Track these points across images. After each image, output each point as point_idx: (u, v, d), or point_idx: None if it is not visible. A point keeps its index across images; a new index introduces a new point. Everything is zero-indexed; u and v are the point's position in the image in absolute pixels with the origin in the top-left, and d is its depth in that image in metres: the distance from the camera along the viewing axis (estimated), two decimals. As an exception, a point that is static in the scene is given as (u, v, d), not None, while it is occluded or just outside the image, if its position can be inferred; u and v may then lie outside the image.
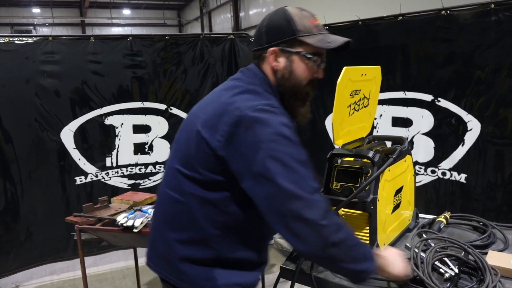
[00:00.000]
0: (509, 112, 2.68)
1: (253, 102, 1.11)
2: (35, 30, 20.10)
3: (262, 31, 1.24)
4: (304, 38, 1.20)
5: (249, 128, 1.06)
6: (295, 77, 1.23)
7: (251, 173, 1.07)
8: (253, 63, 1.31)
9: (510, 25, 2.60)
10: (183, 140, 1.24)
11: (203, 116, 1.18)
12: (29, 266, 3.60)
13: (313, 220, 1.05)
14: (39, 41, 3.49)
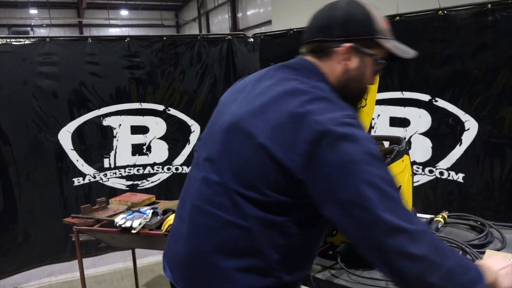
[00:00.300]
0: (506, 112, 2.69)
1: (333, 113, 0.94)
2: (33, 31, 20.08)
3: (336, 21, 1.06)
4: (381, 41, 1.07)
5: (335, 146, 0.89)
6: (364, 81, 1.11)
7: (338, 199, 0.90)
8: (303, 57, 1.13)
9: (507, 25, 2.61)
10: (236, 153, 1.02)
11: (263, 126, 0.98)
12: (27, 268, 3.59)
13: (421, 256, 0.87)
14: (37, 42, 3.49)
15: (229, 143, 1.05)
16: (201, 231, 1.07)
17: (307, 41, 1.12)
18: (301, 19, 5.28)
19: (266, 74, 1.15)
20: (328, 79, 1.08)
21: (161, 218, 2.35)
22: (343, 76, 1.07)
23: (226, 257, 1.03)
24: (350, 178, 0.88)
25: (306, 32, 1.13)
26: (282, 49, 3.90)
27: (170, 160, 3.98)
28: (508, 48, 2.63)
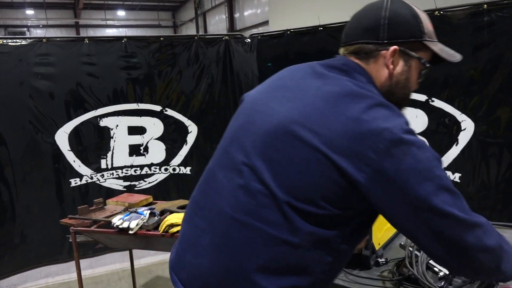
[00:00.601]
0: (502, 112, 2.71)
1: (396, 120, 0.89)
2: (29, 31, 20.04)
3: (382, 22, 0.99)
4: (429, 43, 1.01)
5: (407, 154, 0.85)
6: (410, 86, 1.04)
7: (415, 207, 0.86)
8: (347, 57, 1.05)
9: (502, 25, 2.63)
10: (286, 161, 0.92)
11: (322, 132, 0.89)
12: (24, 269, 3.58)
13: (495, 246, 0.91)
14: (33, 43, 3.48)
15: (277, 149, 0.93)
16: (239, 245, 0.95)
17: (349, 43, 1.05)
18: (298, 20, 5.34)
19: (308, 71, 1.04)
20: (375, 84, 1.01)
21: (158, 218, 2.35)
22: (388, 81, 1.01)
23: (268, 276, 0.92)
24: (426, 185, 0.85)
25: (347, 33, 1.07)
26: (279, 49, 3.91)
27: (168, 161, 3.98)
28: (504, 48, 2.64)
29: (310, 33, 3.67)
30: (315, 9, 6.77)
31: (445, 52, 1.04)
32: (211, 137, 4.08)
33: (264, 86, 1.13)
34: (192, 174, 4.05)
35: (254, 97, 1.11)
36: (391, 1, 1.02)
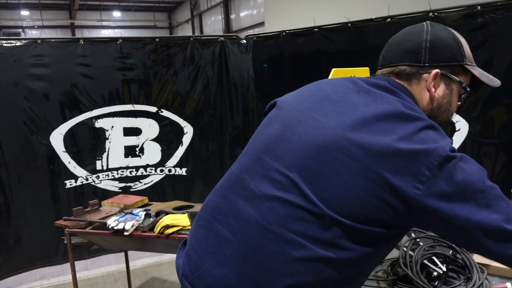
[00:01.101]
0: (495, 112, 2.73)
1: (444, 140, 0.89)
2: (24, 32, 19.95)
3: (424, 45, 1.00)
4: (470, 67, 1.02)
5: (458, 168, 0.85)
6: (451, 109, 1.05)
7: (471, 223, 0.85)
8: (389, 77, 1.03)
9: (495, 27, 2.65)
10: (335, 177, 0.88)
11: (374, 150, 0.86)
12: (18, 271, 3.56)
13: None
14: (28, 44, 3.47)
15: (325, 163, 0.90)
16: (273, 259, 0.90)
17: (389, 65, 1.04)
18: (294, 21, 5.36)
19: (351, 87, 1.02)
20: (418, 104, 1.01)
21: (153, 220, 2.35)
22: (430, 104, 1.02)
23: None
24: (481, 197, 0.85)
25: (385, 56, 1.07)
26: (274, 50, 3.91)
27: (163, 162, 3.97)
28: (497, 49, 2.66)
29: (305, 34, 3.68)
30: (311, 11, 6.79)
31: (485, 76, 1.05)
32: (206, 138, 4.09)
33: (301, 95, 1.09)
34: (187, 175, 4.04)
35: (292, 105, 1.06)
36: (432, 25, 1.03)
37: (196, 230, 1.05)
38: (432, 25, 1.03)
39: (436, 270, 1.27)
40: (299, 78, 3.61)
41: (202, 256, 0.99)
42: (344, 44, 3.41)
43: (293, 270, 0.88)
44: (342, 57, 3.42)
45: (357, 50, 3.35)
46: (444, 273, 1.25)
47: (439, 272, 1.26)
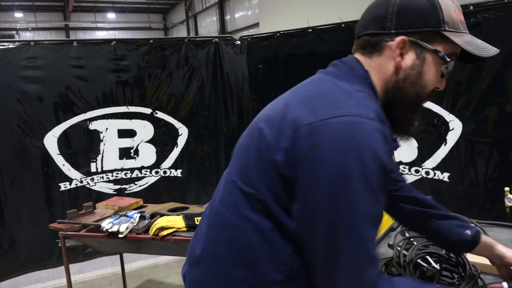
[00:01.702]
0: (489, 112, 2.74)
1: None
2: (18, 34, 19.85)
3: (390, 11, 0.88)
4: (450, 34, 0.88)
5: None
6: (422, 83, 0.90)
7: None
8: (356, 52, 0.96)
9: (488, 27, 2.66)
10: (246, 151, 0.95)
11: (272, 132, 0.90)
12: (13, 275, 3.54)
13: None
14: (21, 46, 3.45)
15: (245, 143, 0.96)
16: (215, 231, 0.98)
17: (357, 35, 0.97)
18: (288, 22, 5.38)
19: (315, 75, 1.00)
20: (375, 81, 0.91)
21: (148, 222, 2.34)
22: (395, 75, 0.90)
23: (232, 264, 0.90)
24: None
25: (358, 25, 0.97)
26: (269, 51, 3.92)
27: (158, 164, 3.96)
28: (490, 49, 2.68)
29: (299, 35, 3.68)
30: (305, 11, 6.80)
31: (472, 44, 0.91)
32: (201, 139, 4.08)
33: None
34: (183, 176, 4.03)
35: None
36: None
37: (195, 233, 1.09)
38: None
39: (430, 269, 1.27)
40: (293, 78, 3.60)
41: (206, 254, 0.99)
42: (338, 44, 3.42)
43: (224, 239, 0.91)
44: (336, 57, 3.39)
45: (351, 51, 3.35)
46: (438, 271, 1.26)
47: (433, 270, 1.26)
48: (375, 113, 0.81)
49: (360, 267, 0.79)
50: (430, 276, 1.26)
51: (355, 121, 0.76)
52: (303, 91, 0.89)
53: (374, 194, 0.77)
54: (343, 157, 0.74)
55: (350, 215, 0.76)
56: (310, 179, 0.77)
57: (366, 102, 0.83)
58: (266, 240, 0.84)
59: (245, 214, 0.86)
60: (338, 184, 0.75)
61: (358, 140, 0.75)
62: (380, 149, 0.77)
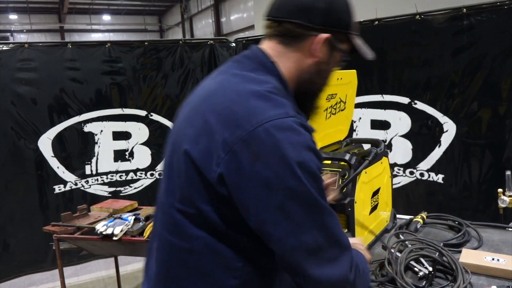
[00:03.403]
0: (482, 113, 2.76)
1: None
2: (13, 36, 19.75)
3: (318, 5, 0.91)
4: (353, 37, 0.98)
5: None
6: (327, 77, 1.01)
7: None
8: (260, 46, 0.98)
9: (481, 29, 2.68)
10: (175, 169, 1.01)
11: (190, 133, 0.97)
12: (7, 278, 3.51)
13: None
14: (15, 48, 3.43)
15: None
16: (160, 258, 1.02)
17: (277, 18, 0.95)
18: (282, 24, 5.16)
19: (216, 71, 1.02)
20: (288, 71, 0.94)
21: (143, 224, 2.33)
22: (311, 69, 0.95)
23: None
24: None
25: (277, 7, 0.96)
26: (264, 53, 3.92)
27: (153, 166, 3.95)
28: (483, 51, 2.70)
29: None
30: None
31: (363, 47, 1.02)
32: (197, 141, 4.07)
33: (194, 91, 1.13)
34: (178, 179, 4.02)
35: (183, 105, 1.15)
36: None
37: None
38: None
39: (422, 270, 1.28)
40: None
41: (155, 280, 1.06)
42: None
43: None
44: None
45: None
46: (430, 273, 1.26)
47: (425, 272, 1.27)
48: (292, 109, 0.86)
49: (326, 241, 0.85)
50: (423, 277, 1.27)
51: (279, 123, 0.81)
52: (217, 101, 0.89)
53: (317, 178, 0.84)
54: (283, 158, 0.79)
55: (305, 202, 0.82)
56: (259, 189, 0.80)
57: (282, 101, 0.86)
58: (216, 252, 0.87)
59: (191, 233, 0.88)
60: (287, 181, 0.79)
61: (288, 139, 0.80)
62: (309, 140, 0.84)
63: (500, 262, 1.33)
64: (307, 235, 0.82)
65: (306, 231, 0.82)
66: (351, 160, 1.46)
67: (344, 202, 1.41)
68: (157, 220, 1.00)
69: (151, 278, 1.01)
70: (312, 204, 0.82)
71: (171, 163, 0.95)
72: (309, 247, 0.82)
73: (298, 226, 0.82)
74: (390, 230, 1.73)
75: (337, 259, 0.85)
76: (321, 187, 0.85)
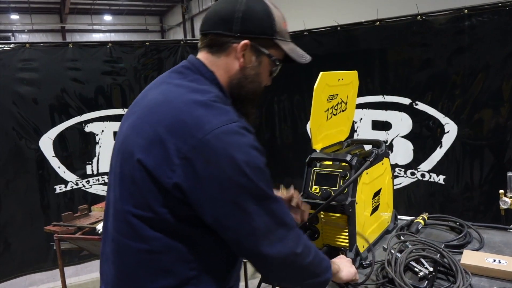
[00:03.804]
0: (483, 114, 2.76)
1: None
2: (14, 36, 19.75)
3: (236, 15, 1.01)
4: (280, 42, 1.06)
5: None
6: (259, 80, 1.09)
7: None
8: (196, 56, 1.08)
9: (482, 30, 2.68)
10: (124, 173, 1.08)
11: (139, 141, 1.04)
12: (7, 278, 3.51)
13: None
14: (16, 48, 3.44)
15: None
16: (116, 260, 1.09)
17: (204, 31, 1.07)
18: (284, 24, 5.13)
19: (156, 81, 1.11)
20: (221, 78, 1.05)
21: (144, 224, 2.33)
22: (238, 74, 1.05)
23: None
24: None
25: (204, 20, 1.08)
26: (265, 54, 3.92)
27: (154, 166, 3.94)
28: (484, 52, 2.70)
29: (295, 38, 3.65)
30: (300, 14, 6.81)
31: (295, 52, 1.10)
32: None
33: (135, 100, 1.19)
34: (179, 179, 4.02)
35: (125, 113, 1.20)
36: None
37: None
38: None
39: (423, 270, 1.28)
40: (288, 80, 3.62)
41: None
42: (334, 47, 3.43)
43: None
44: (331, 60, 3.43)
45: (347, 53, 3.37)
46: (430, 273, 1.26)
47: (425, 272, 1.26)
48: (235, 114, 0.97)
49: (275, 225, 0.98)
50: (423, 277, 1.27)
51: (225, 129, 0.91)
52: (164, 111, 0.96)
53: (263, 172, 0.95)
54: (232, 160, 0.90)
55: (254, 194, 0.93)
56: (213, 188, 0.90)
57: (225, 108, 0.97)
58: (174, 250, 0.97)
59: (149, 235, 0.96)
60: (237, 179, 0.90)
61: (235, 142, 0.91)
62: (252, 140, 0.95)
63: (501, 264, 1.32)
64: (258, 222, 0.94)
65: (257, 218, 0.94)
66: (352, 161, 1.45)
67: (345, 203, 1.41)
68: (108, 225, 1.08)
69: (108, 283, 1.07)
70: (260, 195, 0.94)
71: (122, 172, 1.01)
72: (260, 231, 0.95)
73: (250, 215, 0.93)
74: (391, 231, 1.73)
75: (285, 237, 0.99)
76: (267, 179, 0.97)
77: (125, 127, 1.06)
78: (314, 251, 1.09)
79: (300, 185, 1.52)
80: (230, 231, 0.95)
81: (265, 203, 0.96)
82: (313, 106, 1.41)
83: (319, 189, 1.51)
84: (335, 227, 1.47)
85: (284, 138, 3.96)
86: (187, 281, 0.99)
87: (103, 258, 1.11)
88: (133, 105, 1.11)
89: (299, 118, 3.76)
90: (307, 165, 1.57)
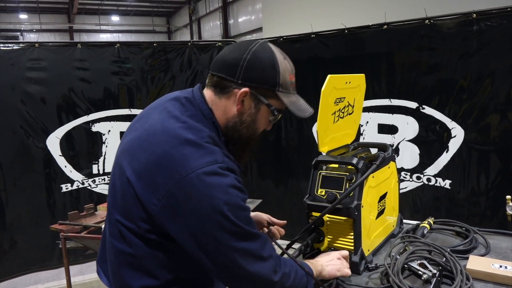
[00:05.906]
0: (491, 119, 2.74)
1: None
2: (22, 36, 19.93)
3: (241, 63, 1.06)
4: (281, 94, 1.10)
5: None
6: (255, 127, 1.14)
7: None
8: (201, 90, 1.15)
9: (491, 34, 2.67)
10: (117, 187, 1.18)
11: (134, 164, 1.12)
12: (13, 276, 3.54)
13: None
14: (25, 47, 3.47)
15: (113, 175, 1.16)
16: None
17: (212, 72, 1.13)
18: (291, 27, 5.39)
19: (159, 105, 1.16)
20: (219, 118, 1.11)
21: (149, 224, 2.34)
22: (235, 118, 1.10)
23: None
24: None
25: (214, 63, 1.13)
26: (272, 56, 3.92)
27: (160, 166, 3.96)
28: (492, 57, 2.68)
29: (302, 40, 3.69)
30: (308, 17, 6.82)
31: (295, 105, 1.13)
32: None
33: (138, 115, 1.25)
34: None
35: (128, 127, 1.27)
36: (260, 44, 1.10)
37: None
38: (260, 45, 1.10)
39: (426, 273, 1.27)
40: (296, 83, 3.62)
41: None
42: (341, 50, 3.43)
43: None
44: (338, 63, 3.44)
45: (354, 57, 3.37)
46: (433, 275, 1.25)
47: (428, 274, 1.26)
48: (221, 155, 1.03)
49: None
50: (427, 280, 1.26)
51: (208, 170, 0.97)
52: (159, 142, 1.03)
53: (243, 209, 1.02)
54: (211, 199, 0.96)
55: (231, 231, 0.99)
56: (193, 221, 0.98)
57: (212, 149, 1.03)
58: (154, 256, 1.06)
59: (133, 242, 1.07)
60: (215, 217, 0.97)
61: (215, 182, 0.97)
62: (233, 179, 1.01)
63: (508, 270, 1.31)
64: (234, 254, 1.00)
65: (231, 252, 1.00)
66: (359, 164, 1.45)
67: (351, 206, 1.40)
68: (105, 227, 1.20)
69: (108, 276, 1.21)
70: (237, 232, 1.00)
71: (115, 184, 1.12)
72: (235, 264, 1.01)
73: (227, 249, 1.00)
74: (397, 235, 1.72)
75: (262, 268, 1.05)
76: (247, 215, 1.03)
77: (126, 141, 1.14)
78: (293, 273, 1.13)
79: (305, 188, 1.52)
80: (207, 262, 1.02)
81: (242, 239, 1.01)
82: (320, 108, 1.41)
83: (325, 191, 1.51)
84: (340, 230, 1.47)
85: (289, 140, 3.96)
86: (166, 283, 1.08)
87: (102, 247, 1.24)
88: (138, 120, 1.19)
89: (304, 120, 3.76)
90: (313, 168, 1.57)
